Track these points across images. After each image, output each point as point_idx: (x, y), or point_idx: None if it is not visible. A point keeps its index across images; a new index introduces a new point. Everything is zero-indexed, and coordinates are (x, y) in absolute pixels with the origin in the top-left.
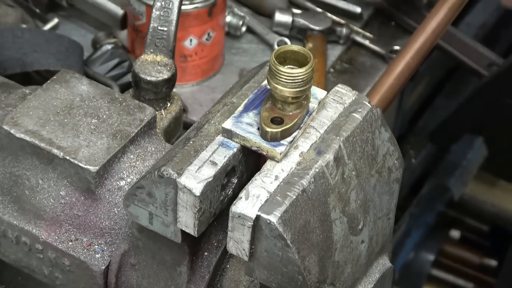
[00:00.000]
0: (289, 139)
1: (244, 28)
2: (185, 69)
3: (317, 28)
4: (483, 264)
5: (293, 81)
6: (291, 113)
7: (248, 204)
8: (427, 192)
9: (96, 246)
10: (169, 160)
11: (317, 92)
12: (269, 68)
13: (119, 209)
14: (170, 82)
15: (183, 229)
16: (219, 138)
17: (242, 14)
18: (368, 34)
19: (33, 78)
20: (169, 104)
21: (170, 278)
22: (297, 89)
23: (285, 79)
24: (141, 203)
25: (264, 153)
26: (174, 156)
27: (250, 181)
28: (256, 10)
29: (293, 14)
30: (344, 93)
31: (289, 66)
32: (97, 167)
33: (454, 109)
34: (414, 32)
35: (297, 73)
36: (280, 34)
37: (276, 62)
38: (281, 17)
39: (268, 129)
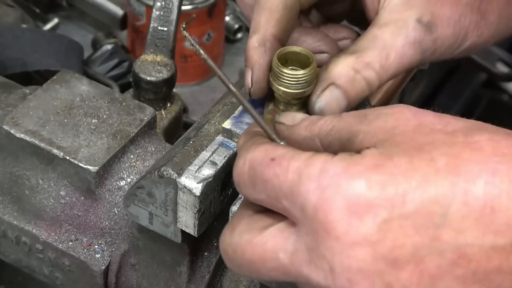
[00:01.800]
0: None
1: (240, 34)
2: (185, 70)
3: None
4: None
5: (297, 82)
6: None
7: None
8: None
9: (96, 246)
10: (169, 160)
11: None
12: (272, 70)
13: (119, 209)
14: (170, 82)
15: (183, 229)
16: (219, 138)
17: (240, 17)
18: None
19: (33, 78)
20: (169, 104)
21: (170, 278)
22: (301, 90)
23: (289, 80)
24: (141, 203)
25: None
26: (174, 156)
27: None
28: None
29: None
30: None
31: (291, 68)
32: (97, 167)
33: None
34: None
35: (301, 74)
36: None
37: (279, 64)
38: None
39: None
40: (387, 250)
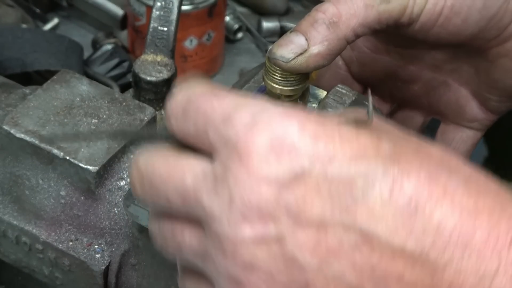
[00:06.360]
0: None
1: (240, 34)
2: (185, 70)
3: None
4: None
5: (285, 79)
6: None
7: None
8: None
9: (96, 246)
10: None
11: (317, 92)
12: (265, 63)
13: (119, 209)
14: (170, 82)
15: None
16: None
17: (240, 17)
18: None
19: (33, 78)
20: None
21: (170, 278)
22: (289, 88)
23: (277, 76)
24: (141, 203)
25: None
26: None
27: None
28: (257, 10)
29: (279, 19)
30: (344, 93)
31: None
32: (97, 167)
33: None
34: None
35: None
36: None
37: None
38: (268, 24)
39: None
40: (293, 201)
